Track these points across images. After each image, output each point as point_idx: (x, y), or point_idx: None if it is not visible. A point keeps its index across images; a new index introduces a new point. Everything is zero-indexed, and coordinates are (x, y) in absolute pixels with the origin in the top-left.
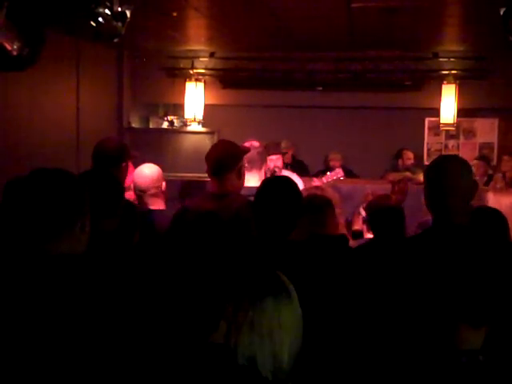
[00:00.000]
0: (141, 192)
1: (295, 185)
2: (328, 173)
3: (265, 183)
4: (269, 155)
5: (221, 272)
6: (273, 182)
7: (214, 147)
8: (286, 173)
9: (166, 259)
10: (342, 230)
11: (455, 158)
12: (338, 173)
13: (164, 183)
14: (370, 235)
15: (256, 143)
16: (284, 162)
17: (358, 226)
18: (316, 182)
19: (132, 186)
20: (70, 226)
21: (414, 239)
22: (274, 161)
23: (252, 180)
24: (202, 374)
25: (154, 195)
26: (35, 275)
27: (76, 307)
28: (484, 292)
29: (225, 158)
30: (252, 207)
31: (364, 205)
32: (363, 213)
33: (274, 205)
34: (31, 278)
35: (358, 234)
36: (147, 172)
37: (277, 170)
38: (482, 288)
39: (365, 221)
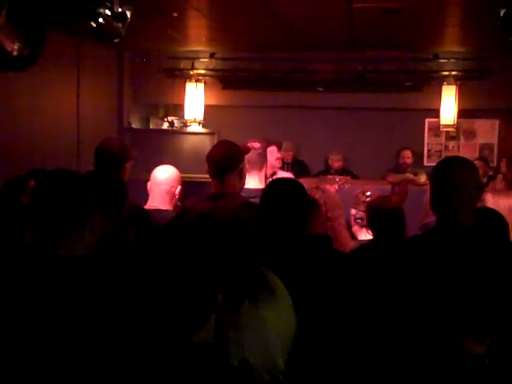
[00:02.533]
0: (155, 185)
1: (302, 186)
2: (337, 179)
3: (271, 184)
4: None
5: (212, 269)
6: (280, 184)
7: (215, 148)
8: (284, 174)
9: (161, 259)
10: (343, 230)
11: (462, 160)
12: (348, 180)
13: (179, 187)
14: (361, 235)
15: (256, 144)
16: (285, 162)
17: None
18: (330, 188)
19: (148, 184)
20: (80, 228)
21: (417, 240)
22: (271, 152)
23: (251, 182)
24: (194, 375)
25: (165, 193)
26: (46, 277)
27: (86, 308)
28: (489, 307)
29: (226, 160)
30: (259, 208)
31: (354, 205)
32: (353, 212)
33: (282, 206)
34: (42, 279)
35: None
36: (166, 169)
37: (276, 168)
38: (488, 303)
39: (356, 220)
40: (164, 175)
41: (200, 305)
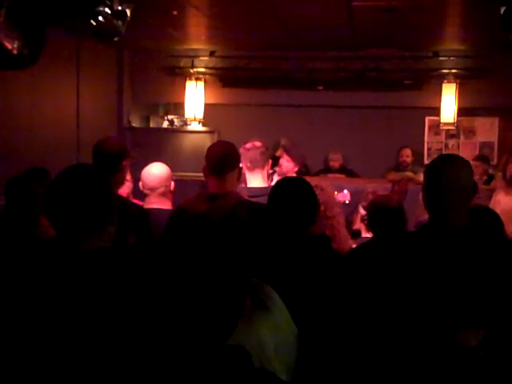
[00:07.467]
0: (149, 190)
1: (310, 185)
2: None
3: (279, 184)
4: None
5: (239, 272)
6: (288, 183)
7: (216, 146)
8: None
9: (162, 260)
10: (342, 229)
11: (454, 159)
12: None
13: (173, 183)
14: (368, 234)
15: (258, 143)
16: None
17: (358, 225)
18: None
19: (140, 183)
20: (105, 222)
21: (410, 237)
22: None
23: (255, 180)
24: (221, 377)
25: (162, 194)
26: (74, 271)
27: (119, 301)
28: (484, 295)
29: (228, 157)
30: (266, 207)
31: (363, 203)
32: (362, 211)
33: (291, 206)
34: (71, 274)
35: (358, 234)
36: (157, 171)
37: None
38: (482, 292)
39: (363, 219)
40: (153, 182)
41: (229, 308)
